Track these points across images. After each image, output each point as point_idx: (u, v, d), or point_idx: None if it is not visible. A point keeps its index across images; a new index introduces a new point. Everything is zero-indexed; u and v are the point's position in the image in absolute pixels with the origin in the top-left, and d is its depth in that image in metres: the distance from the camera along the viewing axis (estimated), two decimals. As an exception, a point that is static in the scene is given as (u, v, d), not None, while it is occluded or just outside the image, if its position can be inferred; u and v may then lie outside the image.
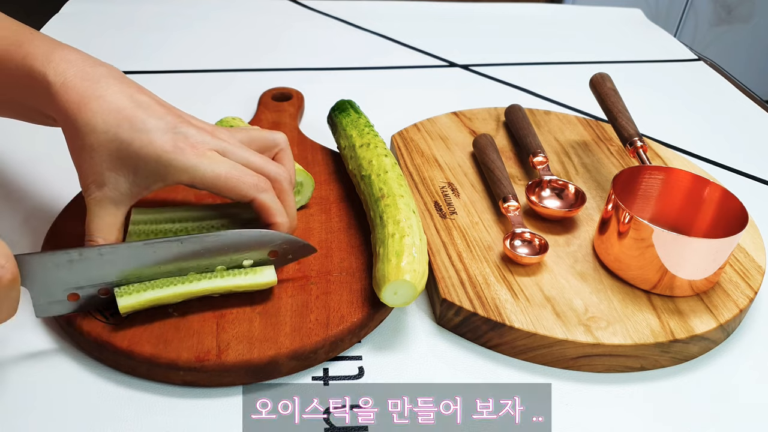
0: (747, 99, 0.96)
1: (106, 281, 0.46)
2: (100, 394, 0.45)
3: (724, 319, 0.51)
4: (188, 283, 0.47)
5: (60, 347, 0.48)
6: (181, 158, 0.46)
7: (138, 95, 0.48)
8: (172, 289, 0.46)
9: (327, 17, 1.12)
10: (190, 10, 1.09)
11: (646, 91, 0.95)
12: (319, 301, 0.50)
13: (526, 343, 0.49)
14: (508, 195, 0.59)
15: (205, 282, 0.47)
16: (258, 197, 0.49)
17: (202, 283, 0.47)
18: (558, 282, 0.53)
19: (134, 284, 0.46)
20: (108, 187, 0.47)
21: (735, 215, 0.53)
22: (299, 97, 0.79)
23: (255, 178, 0.49)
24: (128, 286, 0.46)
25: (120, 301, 0.45)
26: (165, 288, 0.46)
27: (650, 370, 0.50)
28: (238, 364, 0.45)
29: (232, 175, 0.48)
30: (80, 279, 0.45)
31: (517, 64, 1.01)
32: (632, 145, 0.64)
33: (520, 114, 0.73)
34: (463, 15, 1.17)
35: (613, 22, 1.21)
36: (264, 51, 0.98)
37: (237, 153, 0.50)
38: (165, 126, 0.47)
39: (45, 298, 0.45)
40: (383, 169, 0.56)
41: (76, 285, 0.45)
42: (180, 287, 0.47)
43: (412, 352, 0.50)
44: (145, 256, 0.46)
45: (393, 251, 0.48)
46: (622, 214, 0.52)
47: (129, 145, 0.46)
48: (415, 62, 0.99)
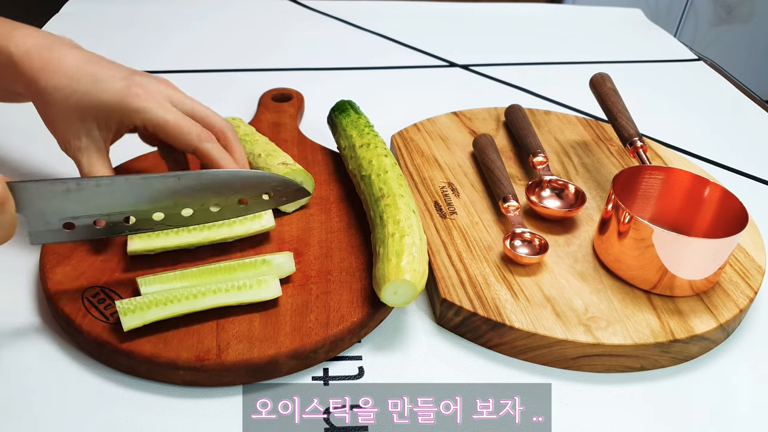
0: (747, 99, 0.96)
1: (103, 212, 0.47)
2: (100, 394, 0.45)
3: (724, 319, 0.51)
4: (193, 299, 0.46)
5: (60, 347, 0.48)
6: (135, 101, 0.51)
7: (93, 56, 0.53)
8: (176, 307, 0.46)
9: (327, 17, 1.12)
10: (190, 10, 1.09)
11: (646, 91, 0.95)
12: (319, 300, 0.50)
13: (526, 343, 0.49)
14: (508, 195, 0.59)
15: (210, 298, 0.47)
16: (201, 146, 0.52)
17: (207, 299, 0.47)
18: (558, 282, 0.53)
19: (138, 301, 0.45)
20: (84, 137, 0.51)
21: (735, 215, 0.53)
22: (299, 98, 0.79)
23: (199, 128, 0.52)
24: (131, 302, 0.45)
25: (124, 321, 0.45)
26: (169, 305, 0.46)
27: (650, 370, 0.50)
28: (238, 363, 0.45)
29: (178, 123, 0.52)
30: (76, 209, 0.46)
31: (517, 64, 1.01)
32: (632, 145, 0.64)
33: (520, 114, 0.73)
34: (463, 15, 1.17)
35: (613, 22, 1.21)
36: (264, 51, 0.98)
37: (186, 102, 0.54)
38: (120, 75, 0.52)
39: (40, 225, 0.46)
40: (383, 169, 0.56)
41: (72, 215, 0.46)
42: (185, 304, 0.46)
43: (412, 352, 0.50)
44: (143, 189, 0.47)
45: (393, 251, 0.48)
46: (622, 214, 0.52)
47: (90, 95, 0.50)
48: (415, 62, 0.99)
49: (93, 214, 0.46)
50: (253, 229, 0.54)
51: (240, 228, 0.54)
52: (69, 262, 0.51)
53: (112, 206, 0.47)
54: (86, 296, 0.49)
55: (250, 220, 0.54)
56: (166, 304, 0.46)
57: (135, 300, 0.45)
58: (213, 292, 0.47)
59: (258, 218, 0.54)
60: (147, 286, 0.48)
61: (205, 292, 0.47)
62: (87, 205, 0.46)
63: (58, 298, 0.48)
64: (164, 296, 0.46)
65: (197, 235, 0.53)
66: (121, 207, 0.47)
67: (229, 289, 0.47)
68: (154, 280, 0.48)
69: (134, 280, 0.50)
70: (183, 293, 0.46)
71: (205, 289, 0.47)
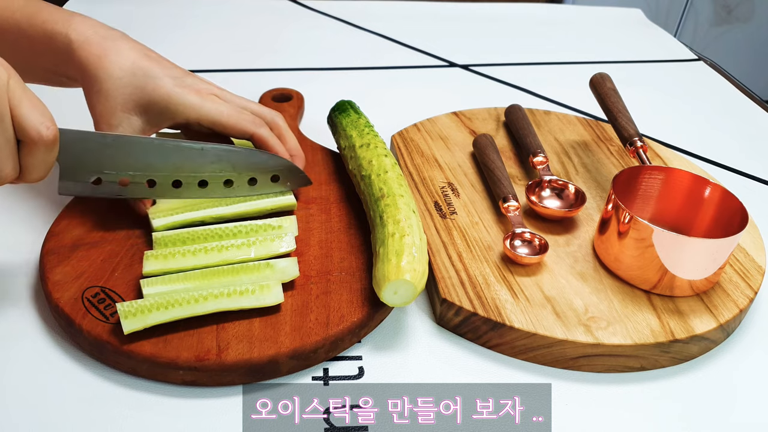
0: (747, 99, 0.96)
1: (130, 171, 0.52)
2: (100, 394, 0.45)
3: (724, 319, 0.51)
4: (195, 303, 0.46)
5: (60, 347, 0.48)
6: (189, 97, 0.55)
7: (149, 51, 0.57)
8: (178, 311, 0.46)
9: (327, 17, 1.12)
10: (190, 10, 1.09)
11: (646, 91, 0.95)
12: (319, 300, 0.50)
13: (526, 343, 0.49)
14: (508, 195, 0.59)
15: (212, 303, 0.47)
16: (257, 131, 0.57)
17: (209, 304, 0.47)
18: (558, 282, 0.53)
19: (139, 305, 0.45)
20: (124, 125, 0.54)
21: (735, 215, 0.53)
22: (299, 98, 0.79)
23: (252, 116, 0.57)
24: (132, 305, 0.45)
25: (125, 324, 0.44)
26: (171, 309, 0.46)
27: (650, 370, 0.50)
28: (238, 363, 0.45)
29: (232, 114, 0.56)
30: (108, 164, 0.51)
31: (517, 64, 1.01)
32: (632, 145, 0.64)
33: (520, 114, 0.73)
34: (463, 15, 1.17)
35: (613, 22, 1.21)
36: (264, 51, 0.98)
37: (235, 99, 0.59)
38: (172, 74, 0.56)
39: (71, 176, 0.50)
40: (383, 169, 0.56)
41: (102, 169, 0.51)
42: (186, 308, 0.46)
43: (412, 352, 0.50)
44: (169, 152, 0.52)
45: (393, 251, 0.48)
46: (622, 214, 0.52)
47: (142, 89, 0.54)
48: (415, 62, 0.99)
49: (121, 171, 0.51)
50: (275, 204, 0.57)
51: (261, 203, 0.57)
52: (69, 262, 0.51)
53: (139, 165, 0.52)
54: (86, 296, 0.49)
55: (273, 196, 0.58)
56: (167, 308, 0.46)
57: (136, 303, 0.45)
58: (215, 297, 0.47)
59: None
60: (149, 287, 0.48)
61: (207, 297, 0.47)
62: (118, 162, 0.51)
63: (58, 298, 0.48)
64: (165, 300, 0.46)
65: (218, 210, 0.55)
66: (146, 167, 0.52)
67: (231, 294, 0.47)
68: (157, 281, 0.48)
69: (135, 279, 0.50)
70: (184, 297, 0.46)
71: (207, 294, 0.47)
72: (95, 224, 0.55)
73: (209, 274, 0.49)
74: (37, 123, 0.42)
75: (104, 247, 0.53)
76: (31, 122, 0.42)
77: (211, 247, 0.51)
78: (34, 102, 0.43)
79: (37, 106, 0.43)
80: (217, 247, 0.51)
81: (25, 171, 0.44)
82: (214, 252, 0.51)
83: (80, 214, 0.56)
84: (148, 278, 0.48)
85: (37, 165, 0.44)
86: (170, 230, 0.53)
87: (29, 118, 0.42)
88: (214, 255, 0.51)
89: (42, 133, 0.43)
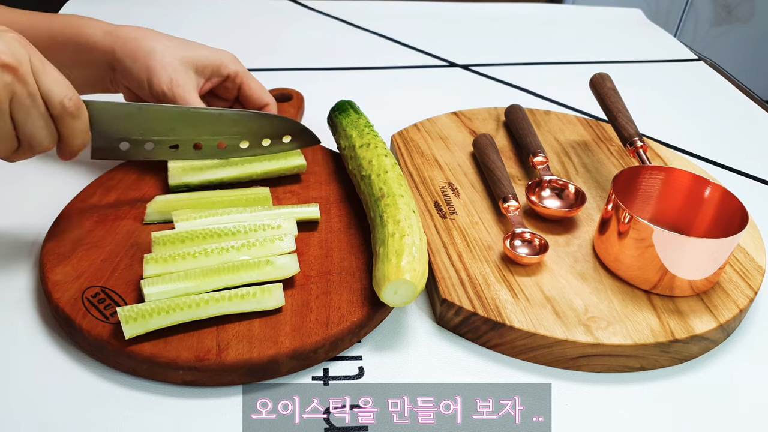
0: (747, 99, 0.96)
1: (155, 136, 0.56)
2: (100, 393, 0.45)
3: (724, 319, 0.51)
4: (196, 307, 0.46)
5: (60, 347, 0.48)
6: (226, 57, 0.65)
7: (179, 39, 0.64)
8: (178, 315, 0.46)
9: (327, 17, 1.12)
10: (189, 10, 1.09)
11: (646, 91, 0.95)
12: (319, 300, 0.50)
13: (526, 343, 0.49)
14: (508, 195, 0.59)
15: (213, 307, 0.47)
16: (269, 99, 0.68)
17: (209, 308, 0.47)
18: (558, 282, 0.53)
19: (140, 309, 0.45)
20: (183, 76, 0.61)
21: (735, 215, 0.53)
22: (299, 98, 0.79)
23: None
24: (133, 310, 0.45)
25: (126, 329, 0.44)
26: (171, 314, 0.46)
27: (650, 370, 0.50)
28: (238, 363, 0.45)
29: None
30: (135, 130, 0.55)
31: (517, 64, 1.01)
32: (632, 145, 0.64)
33: (520, 114, 0.73)
34: (463, 15, 1.17)
35: (613, 22, 1.21)
36: (264, 51, 0.98)
37: None
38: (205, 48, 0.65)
39: (102, 142, 0.54)
40: (383, 169, 0.56)
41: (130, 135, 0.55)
42: (187, 312, 0.46)
43: (412, 352, 0.50)
44: (190, 118, 0.56)
45: (393, 251, 0.48)
46: (622, 214, 0.52)
47: (189, 50, 0.62)
48: (415, 62, 0.99)
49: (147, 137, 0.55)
50: (287, 166, 0.62)
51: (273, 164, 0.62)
52: (69, 262, 0.51)
53: (163, 131, 0.56)
54: (86, 296, 0.49)
55: (283, 158, 0.63)
56: (168, 312, 0.45)
57: (137, 307, 0.45)
58: (216, 301, 0.47)
59: (291, 157, 0.63)
60: (150, 287, 0.47)
61: (208, 301, 0.47)
62: (144, 128, 0.55)
63: (58, 298, 0.48)
64: (166, 304, 0.46)
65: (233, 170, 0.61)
66: (170, 133, 0.56)
67: (233, 297, 0.47)
68: (157, 281, 0.48)
69: (135, 280, 0.50)
70: (185, 302, 0.46)
71: (208, 297, 0.47)
72: (95, 224, 0.56)
73: (209, 272, 0.49)
74: (61, 95, 0.46)
75: (104, 247, 0.53)
76: (55, 95, 0.46)
77: (210, 249, 0.51)
78: (55, 76, 0.46)
79: (59, 80, 0.47)
80: (217, 249, 0.51)
81: (64, 140, 0.49)
82: (214, 254, 0.50)
83: (80, 214, 0.56)
84: (148, 278, 0.48)
85: (72, 133, 0.49)
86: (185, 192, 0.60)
87: (53, 92, 0.46)
88: (214, 257, 0.51)
89: (65, 104, 0.47)
